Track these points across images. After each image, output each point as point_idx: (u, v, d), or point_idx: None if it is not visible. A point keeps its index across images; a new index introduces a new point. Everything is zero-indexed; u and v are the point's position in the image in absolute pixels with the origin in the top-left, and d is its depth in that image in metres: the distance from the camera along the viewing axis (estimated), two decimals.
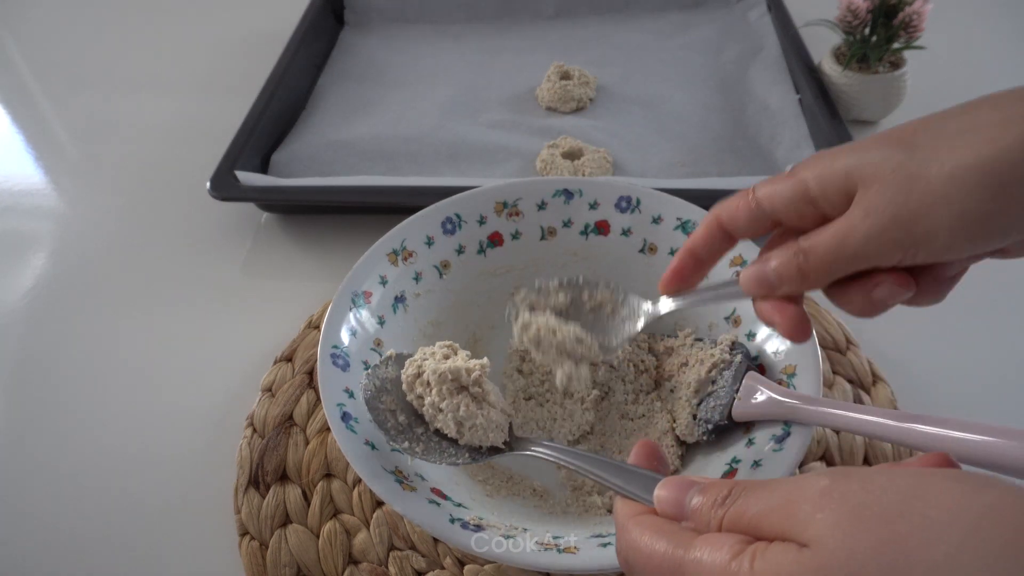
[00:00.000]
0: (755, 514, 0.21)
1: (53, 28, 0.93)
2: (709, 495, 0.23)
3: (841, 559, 0.18)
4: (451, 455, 0.35)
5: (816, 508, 0.19)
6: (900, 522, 0.18)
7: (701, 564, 0.21)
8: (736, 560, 0.20)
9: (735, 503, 0.22)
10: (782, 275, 0.29)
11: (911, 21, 0.62)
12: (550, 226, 0.48)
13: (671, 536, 0.22)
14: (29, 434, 0.48)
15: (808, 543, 0.19)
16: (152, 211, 0.65)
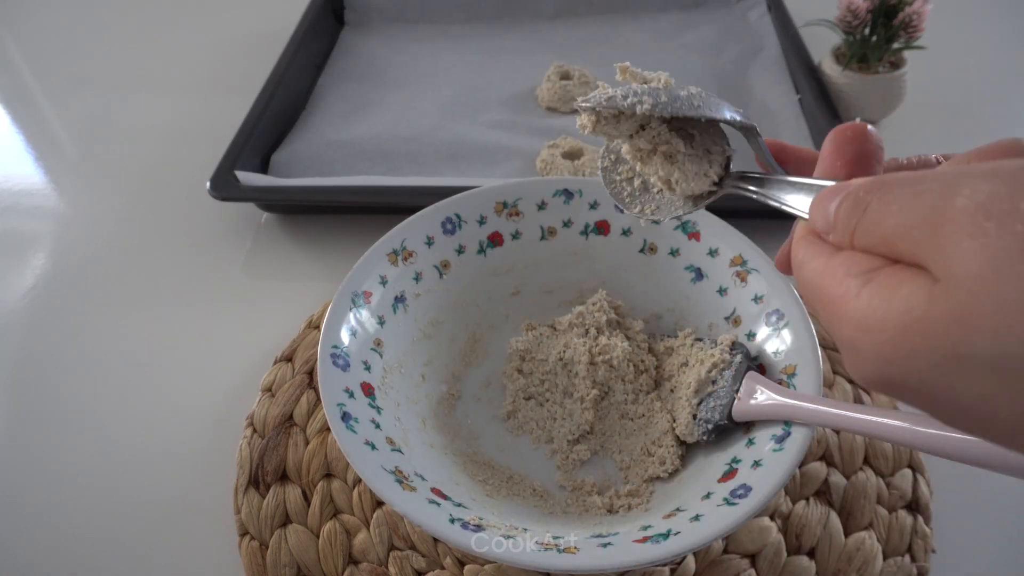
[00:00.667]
0: (891, 228, 0.17)
1: (53, 28, 0.93)
2: (847, 201, 0.19)
3: (984, 311, 0.15)
4: (678, 207, 0.33)
5: (964, 232, 0.15)
6: None
7: (832, 296, 0.18)
8: (858, 296, 0.17)
9: (868, 211, 0.18)
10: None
11: (911, 21, 0.62)
12: (550, 226, 0.48)
13: (815, 254, 0.20)
14: (29, 434, 0.48)
15: (944, 278, 0.16)
16: (152, 211, 0.65)
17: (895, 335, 0.16)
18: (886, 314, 0.17)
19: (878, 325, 0.17)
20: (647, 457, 0.43)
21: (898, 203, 0.17)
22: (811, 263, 0.20)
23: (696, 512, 0.34)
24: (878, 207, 0.18)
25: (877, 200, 0.18)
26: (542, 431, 0.45)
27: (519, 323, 0.50)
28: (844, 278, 0.18)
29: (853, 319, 0.18)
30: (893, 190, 0.18)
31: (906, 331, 0.16)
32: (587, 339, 0.46)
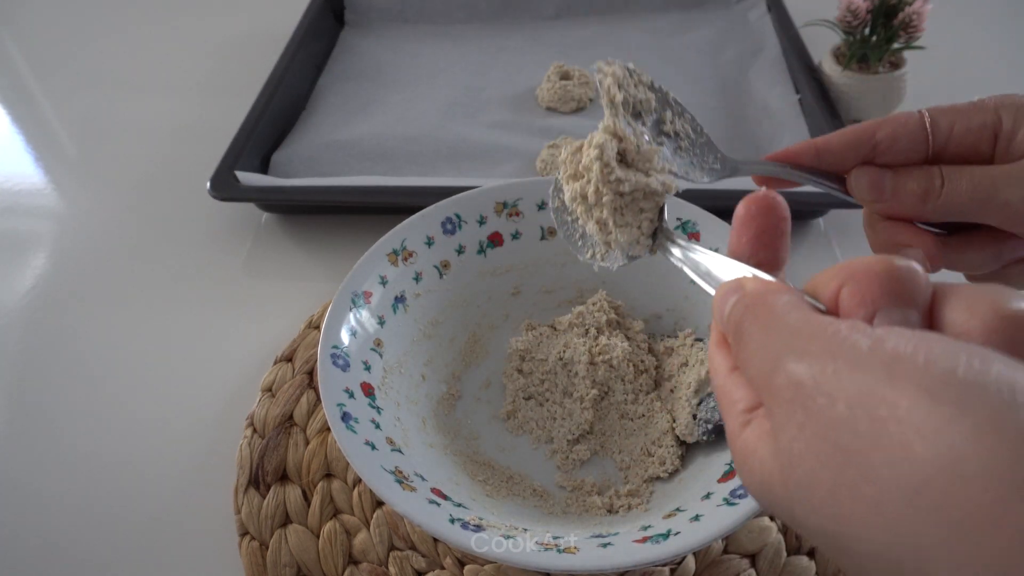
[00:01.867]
0: (752, 375, 0.20)
1: (53, 28, 0.93)
2: (731, 325, 0.21)
3: (790, 475, 0.17)
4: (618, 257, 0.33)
5: (785, 404, 0.18)
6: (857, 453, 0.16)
7: (726, 418, 0.21)
8: (740, 434, 0.20)
9: (742, 344, 0.20)
10: (901, 189, 0.28)
11: (911, 21, 0.62)
12: (550, 226, 0.48)
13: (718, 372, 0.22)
14: (29, 433, 0.48)
15: (777, 446, 0.18)
16: (152, 211, 0.65)
17: (758, 490, 0.19)
18: (752, 467, 0.19)
19: (749, 473, 0.19)
20: (647, 457, 0.43)
21: (753, 347, 0.20)
22: (716, 377, 0.22)
23: (696, 512, 0.34)
24: (746, 346, 0.20)
25: (745, 338, 0.20)
26: (542, 431, 0.45)
27: (519, 323, 0.50)
28: (732, 407, 0.21)
29: (737, 452, 0.20)
30: (752, 334, 0.20)
31: (763, 488, 0.19)
32: (587, 339, 0.46)
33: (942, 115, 0.28)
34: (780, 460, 0.18)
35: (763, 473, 0.19)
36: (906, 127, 0.28)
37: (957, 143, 0.28)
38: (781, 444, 0.18)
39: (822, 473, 0.16)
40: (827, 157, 0.30)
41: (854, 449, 0.16)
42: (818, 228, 0.59)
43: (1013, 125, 0.27)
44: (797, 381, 0.17)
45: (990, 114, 0.28)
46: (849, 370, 0.16)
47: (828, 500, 0.16)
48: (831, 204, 0.56)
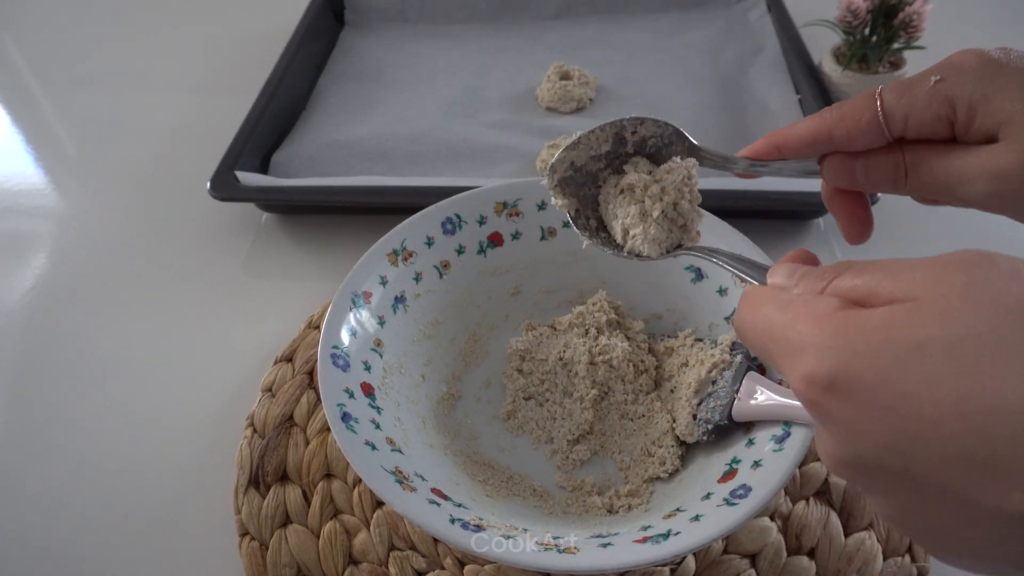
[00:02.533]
0: (864, 283, 0.21)
1: (53, 28, 0.93)
2: (819, 268, 0.23)
3: (953, 308, 0.18)
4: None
5: (937, 268, 0.19)
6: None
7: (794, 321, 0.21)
8: (837, 310, 0.20)
9: (844, 273, 0.22)
10: (870, 179, 0.30)
11: (911, 21, 0.62)
12: (550, 226, 0.48)
13: (775, 300, 0.22)
14: (28, 433, 0.48)
15: (916, 298, 0.19)
16: (152, 211, 0.65)
17: (873, 331, 0.19)
18: (865, 319, 0.19)
19: (857, 325, 0.19)
20: (647, 457, 0.43)
21: (877, 264, 0.21)
22: (771, 300, 0.23)
23: (696, 512, 0.34)
24: (858, 267, 0.21)
25: (857, 265, 0.22)
26: (542, 431, 0.45)
27: (519, 323, 0.50)
28: (814, 305, 0.21)
29: (828, 324, 0.20)
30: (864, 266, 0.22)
31: (883, 327, 0.19)
32: (587, 339, 0.46)
33: (896, 107, 0.29)
34: (925, 304, 0.19)
35: (892, 315, 0.19)
36: (859, 125, 0.29)
37: (915, 132, 0.29)
38: (928, 294, 0.19)
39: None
40: (788, 154, 0.32)
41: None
42: (818, 228, 0.59)
43: (967, 116, 0.27)
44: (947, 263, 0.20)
45: (943, 106, 0.28)
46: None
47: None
48: None
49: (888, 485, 0.20)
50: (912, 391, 0.18)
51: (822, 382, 0.19)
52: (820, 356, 0.20)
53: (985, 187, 0.27)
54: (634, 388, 0.45)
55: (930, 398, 0.17)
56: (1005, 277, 0.18)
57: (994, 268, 0.19)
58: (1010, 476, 0.17)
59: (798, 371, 0.20)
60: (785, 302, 0.22)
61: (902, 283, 0.20)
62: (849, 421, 0.19)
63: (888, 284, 0.20)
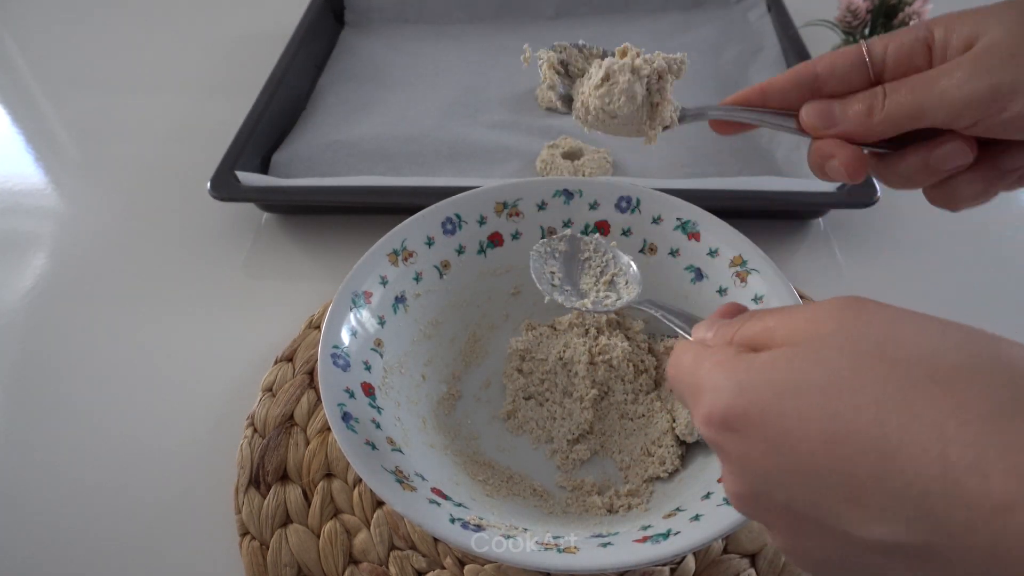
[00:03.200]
0: (762, 328, 0.23)
1: (53, 28, 0.94)
2: (728, 319, 0.26)
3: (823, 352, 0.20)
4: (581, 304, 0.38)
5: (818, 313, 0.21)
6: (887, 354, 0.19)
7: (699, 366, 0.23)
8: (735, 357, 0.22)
9: (747, 321, 0.24)
10: (848, 111, 0.30)
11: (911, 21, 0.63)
12: (550, 226, 0.48)
13: (691, 351, 0.25)
14: (29, 434, 0.48)
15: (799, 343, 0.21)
16: (152, 211, 0.65)
17: (757, 373, 0.21)
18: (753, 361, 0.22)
19: (745, 367, 0.22)
20: (647, 457, 0.43)
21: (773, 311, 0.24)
22: (687, 354, 0.25)
23: (696, 512, 0.34)
24: (758, 315, 0.24)
25: (757, 312, 0.25)
26: (542, 431, 0.45)
27: (519, 323, 0.50)
28: (720, 350, 0.23)
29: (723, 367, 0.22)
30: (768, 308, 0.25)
31: (765, 368, 0.21)
32: (587, 339, 0.46)
33: (877, 41, 0.30)
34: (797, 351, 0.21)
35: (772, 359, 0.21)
36: (844, 56, 0.30)
37: (894, 62, 0.29)
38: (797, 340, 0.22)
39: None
40: (774, 96, 0.32)
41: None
42: (818, 228, 0.59)
43: (944, 35, 0.28)
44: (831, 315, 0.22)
45: (922, 30, 0.29)
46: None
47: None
48: (831, 204, 0.56)
49: (778, 519, 0.21)
50: (790, 428, 0.19)
51: (716, 420, 0.21)
52: (715, 396, 0.22)
53: (958, 93, 0.27)
54: (634, 388, 0.45)
55: (804, 435, 0.19)
56: (867, 323, 0.20)
57: (861, 315, 0.21)
58: (868, 508, 0.18)
59: (699, 411, 0.22)
60: (697, 352, 0.24)
61: (789, 327, 0.22)
62: (741, 456, 0.21)
63: (781, 329, 0.22)
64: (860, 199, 0.54)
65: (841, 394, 0.19)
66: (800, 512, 0.20)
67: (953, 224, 0.56)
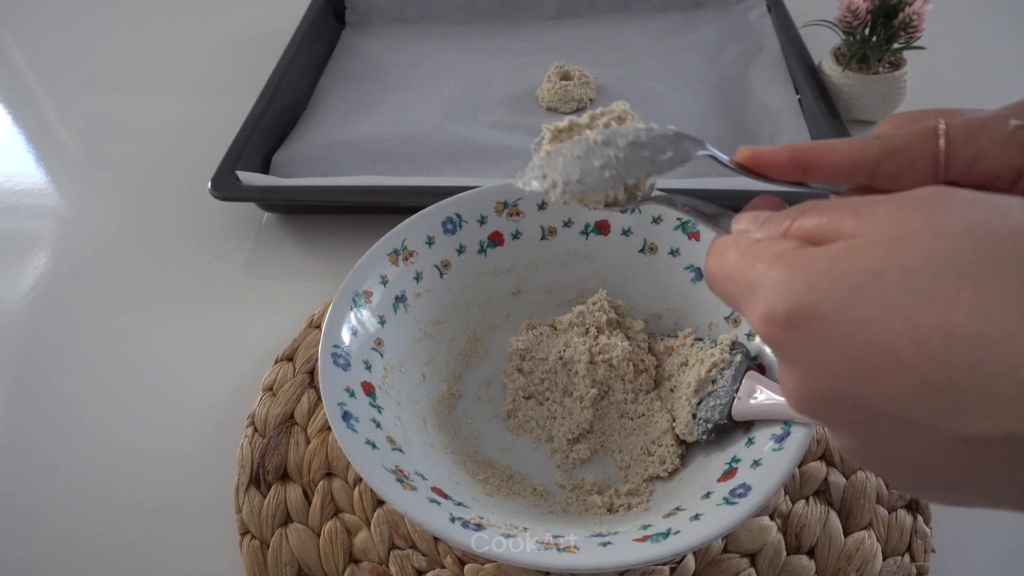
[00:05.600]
0: (823, 221, 0.21)
1: (53, 28, 0.94)
2: (781, 212, 0.23)
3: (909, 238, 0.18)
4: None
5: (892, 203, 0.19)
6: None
7: (754, 262, 0.21)
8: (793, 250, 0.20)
9: (805, 213, 0.21)
10: None
11: (911, 21, 0.62)
12: (551, 226, 0.48)
13: (737, 245, 0.22)
14: (29, 433, 0.48)
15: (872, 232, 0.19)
16: (153, 211, 0.65)
17: (827, 264, 0.19)
18: (820, 254, 0.19)
19: (812, 260, 0.19)
20: (647, 456, 0.43)
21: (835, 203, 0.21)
22: (734, 246, 0.23)
23: (696, 511, 0.34)
24: (818, 207, 0.21)
25: (817, 204, 0.21)
26: (542, 430, 0.45)
27: (519, 322, 0.50)
28: (772, 245, 0.21)
29: (785, 261, 0.20)
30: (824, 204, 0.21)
31: (838, 260, 0.19)
32: (587, 338, 0.46)
33: (963, 148, 0.24)
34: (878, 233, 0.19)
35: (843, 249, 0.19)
36: (913, 163, 0.25)
37: (975, 180, 0.25)
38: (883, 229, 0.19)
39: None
40: (814, 177, 0.27)
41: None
42: None
43: None
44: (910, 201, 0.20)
45: (1019, 156, 0.24)
46: None
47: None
48: None
49: (849, 418, 0.20)
50: (868, 320, 0.18)
51: (779, 319, 0.19)
52: (777, 292, 0.19)
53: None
54: (634, 387, 0.45)
55: (886, 327, 0.17)
56: (962, 206, 0.18)
57: (953, 199, 0.18)
58: (965, 401, 0.17)
59: (756, 310, 0.20)
60: (746, 247, 0.22)
61: (861, 219, 0.19)
62: (808, 355, 0.19)
63: (850, 222, 0.20)
64: None
65: (931, 281, 0.17)
66: (878, 410, 0.18)
67: None
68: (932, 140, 0.25)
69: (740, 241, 0.23)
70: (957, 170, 0.25)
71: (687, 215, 0.29)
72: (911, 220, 0.18)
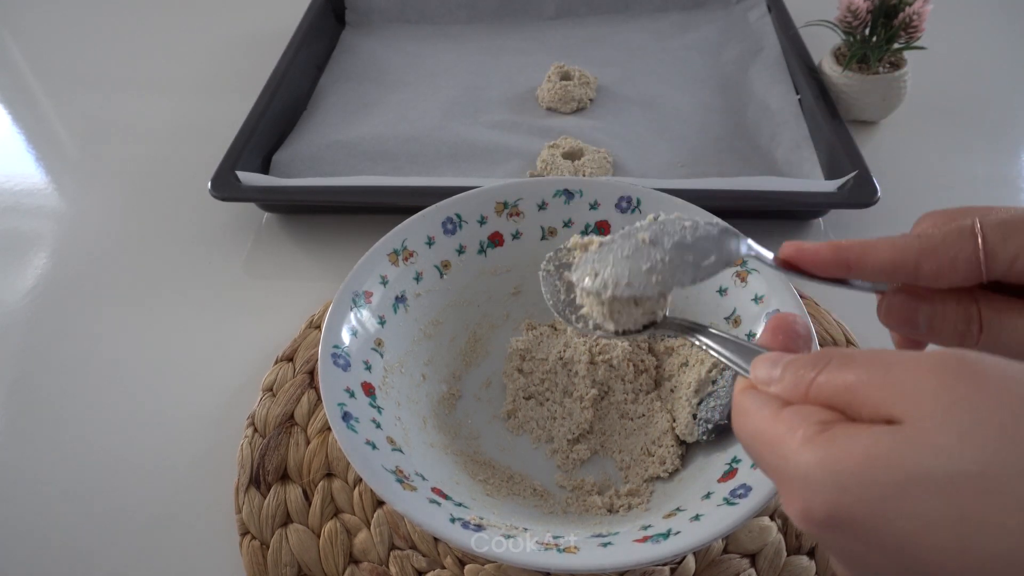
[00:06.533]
0: (848, 383, 0.20)
1: (53, 28, 0.94)
2: (801, 360, 0.22)
3: (938, 436, 0.17)
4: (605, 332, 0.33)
5: (922, 378, 0.18)
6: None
7: (781, 443, 0.20)
8: (816, 436, 0.19)
9: (830, 366, 0.21)
10: (935, 327, 0.27)
11: (911, 21, 0.62)
12: (551, 226, 0.48)
13: (761, 411, 0.22)
14: (29, 433, 0.48)
15: (902, 418, 0.18)
16: (153, 211, 0.65)
17: (858, 465, 0.18)
18: (851, 447, 0.18)
19: (842, 456, 0.19)
20: (647, 457, 0.43)
21: (860, 360, 0.20)
22: (759, 412, 0.22)
23: (696, 512, 0.34)
24: (840, 362, 0.20)
25: (839, 358, 0.21)
26: (542, 430, 0.45)
27: (519, 323, 0.50)
28: (800, 423, 0.20)
29: (813, 453, 0.19)
30: (849, 355, 0.21)
31: (869, 459, 0.18)
32: (587, 339, 0.46)
33: (1002, 247, 0.24)
34: (916, 427, 0.18)
35: (877, 447, 0.18)
36: (953, 263, 0.25)
37: (1016, 275, 0.25)
38: (925, 412, 0.18)
39: None
40: (856, 275, 0.28)
41: None
42: (818, 228, 0.59)
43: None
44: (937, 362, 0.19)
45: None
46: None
47: None
48: (831, 204, 0.56)
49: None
50: (910, 533, 0.17)
51: (818, 520, 0.19)
52: (810, 492, 0.19)
53: None
54: (634, 388, 0.45)
55: (931, 544, 0.17)
56: (991, 396, 0.17)
57: (975, 387, 0.18)
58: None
59: (793, 506, 0.20)
60: (771, 417, 0.21)
61: (887, 392, 0.19)
62: (853, 553, 0.19)
63: (874, 392, 0.19)
64: (860, 199, 0.54)
65: (972, 497, 0.16)
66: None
67: None
68: (970, 239, 0.25)
69: (764, 407, 0.22)
70: (999, 269, 0.25)
71: (711, 353, 0.28)
72: (937, 407, 0.18)
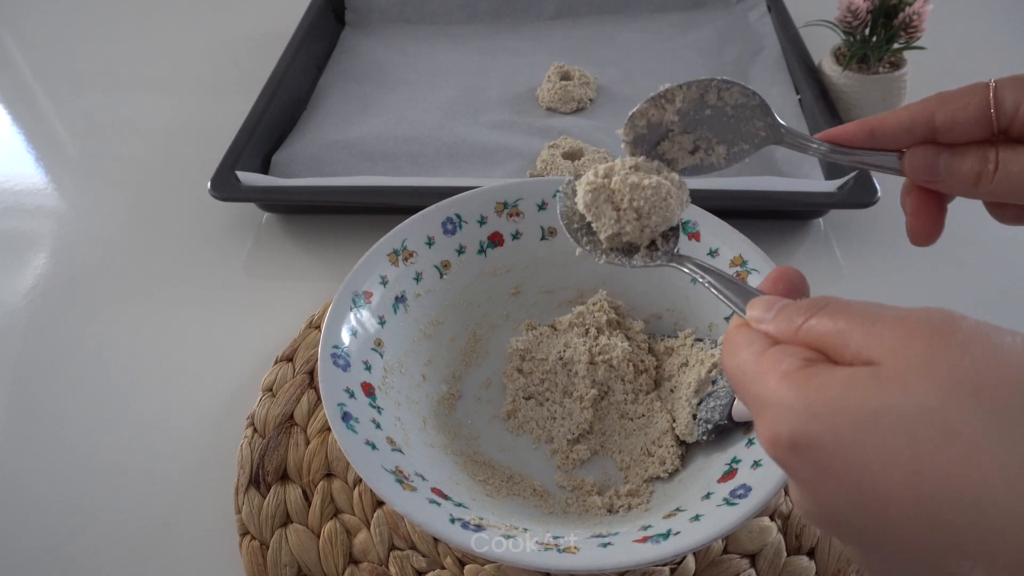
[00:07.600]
0: (837, 328, 0.21)
1: (53, 28, 0.94)
2: (796, 304, 0.23)
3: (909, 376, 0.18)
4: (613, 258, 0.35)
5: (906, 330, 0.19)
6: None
7: (764, 375, 0.21)
8: (798, 370, 0.20)
9: (819, 313, 0.22)
10: (953, 169, 0.28)
11: (911, 21, 0.62)
12: (550, 226, 0.48)
13: (750, 347, 0.23)
14: (29, 433, 0.48)
15: (879, 361, 0.19)
16: (153, 211, 0.65)
17: (831, 396, 0.19)
18: (828, 381, 0.20)
19: (819, 387, 0.20)
20: (647, 457, 0.43)
21: (851, 309, 0.21)
22: (749, 346, 0.23)
23: (696, 512, 0.34)
24: (832, 309, 0.22)
25: (832, 305, 0.22)
26: (542, 431, 0.45)
27: (519, 323, 0.50)
28: (784, 358, 0.21)
29: (792, 384, 0.20)
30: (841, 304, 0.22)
31: (843, 392, 0.19)
32: (587, 339, 0.46)
33: (1009, 95, 0.27)
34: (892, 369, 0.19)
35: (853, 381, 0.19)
36: (965, 110, 0.28)
37: (1021, 122, 0.27)
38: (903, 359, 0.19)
39: None
40: (881, 139, 0.30)
41: None
42: (818, 228, 0.59)
43: None
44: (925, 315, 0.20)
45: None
46: None
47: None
48: (831, 204, 0.56)
49: (855, 538, 0.20)
50: (867, 460, 0.18)
51: (784, 443, 0.20)
52: (782, 417, 0.20)
53: None
54: (634, 388, 0.45)
55: (884, 470, 0.18)
56: (962, 348, 0.18)
57: (954, 337, 0.19)
58: (960, 547, 0.17)
59: (763, 430, 0.21)
60: (758, 352, 0.22)
61: (870, 340, 0.20)
62: (812, 480, 0.20)
63: (857, 337, 0.20)
64: (860, 199, 0.54)
65: (928, 430, 0.18)
66: (881, 538, 0.19)
67: (954, 225, 0.56)
68: (982, 91, 0.28)
69: (753, 343, 0.23)
70: (1006, 116, 0.27)
71: (705, 285, 0.29)
72: (912, 356, 0.19)
